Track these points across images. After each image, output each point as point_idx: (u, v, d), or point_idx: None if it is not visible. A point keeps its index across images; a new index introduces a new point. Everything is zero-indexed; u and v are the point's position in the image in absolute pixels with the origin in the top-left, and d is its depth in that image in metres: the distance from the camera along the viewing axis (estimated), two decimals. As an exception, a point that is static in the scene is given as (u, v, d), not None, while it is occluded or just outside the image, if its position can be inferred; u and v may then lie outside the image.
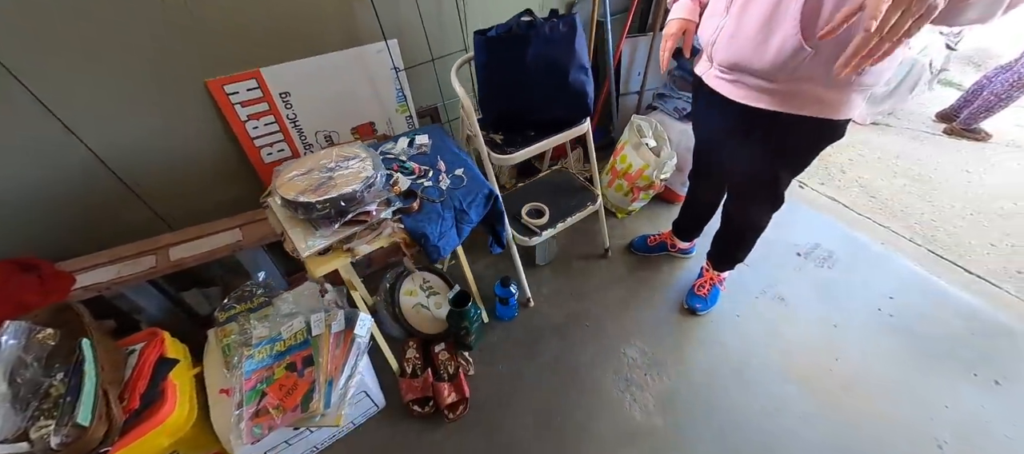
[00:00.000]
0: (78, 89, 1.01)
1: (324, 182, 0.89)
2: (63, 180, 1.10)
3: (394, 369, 1.30)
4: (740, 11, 0.85)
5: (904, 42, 0.57)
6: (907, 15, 0.53)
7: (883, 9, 0.52)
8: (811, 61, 0.80)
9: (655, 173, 1.64)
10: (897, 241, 1.82)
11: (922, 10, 0.52)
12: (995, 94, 2.33)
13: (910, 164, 2.31)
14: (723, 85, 0.97)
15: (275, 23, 1.18)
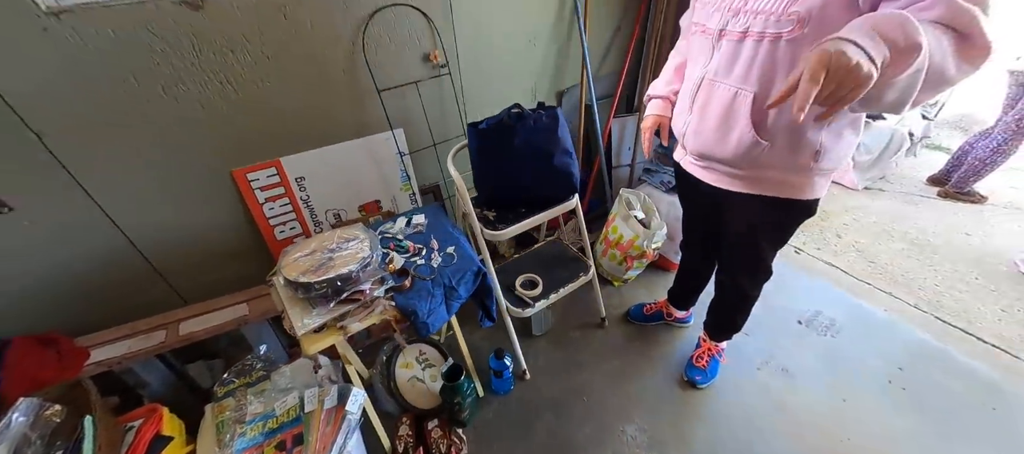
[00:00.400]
0: (119, 178, 1.15)
1: (325, 263, 0.97)
2: (92, 258, 1.21)
3: (386, 448, 1.28)
4: (701, 111, 0.96)
5: (840, 109, 0.61)
6: (838, 92, 0.57)
7: (811, 98, 0.57)
8: (769, 152, 0.89)
9: (646, 243, 1.70)
10: (902, 308, 1.79)
11: (849, 91, 0.57)
12: (979, 159, 2.40)
13: (907, 228, 2.33)
14: (697, 170, 1.07)
15: (297, 119, 1.35)
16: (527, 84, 1.86)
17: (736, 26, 0.85)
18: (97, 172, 1.12)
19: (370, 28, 1.34)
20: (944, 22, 0.61)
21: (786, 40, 0.78)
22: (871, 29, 0.57)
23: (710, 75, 0.92)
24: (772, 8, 0.78)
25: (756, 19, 0.81)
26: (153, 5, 1.02)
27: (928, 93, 0.64)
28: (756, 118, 0.87)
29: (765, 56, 0.82)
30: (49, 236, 1.13)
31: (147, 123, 1.13)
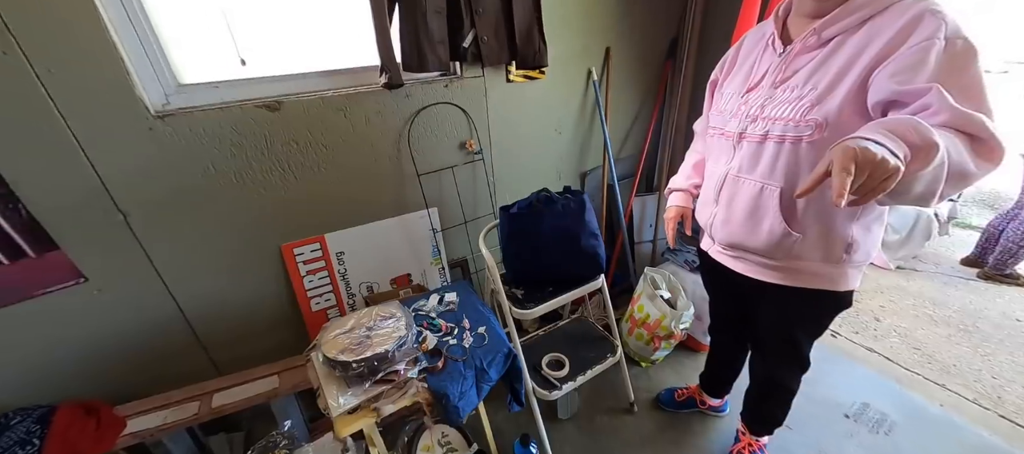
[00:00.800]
0: (181, 252, 1.26)
1: (363, 341, 1.01)
2: (145, 328, 1.29)
3: (403, 543, 1.20)
4: (728, 203, 0.99)
5: (872, 200, 0.61)
6: (869, 183, 0.58)
7: (847, 186, 0.57)
8: (801, 243, 0.90)
9: (673, 323, 1.67)
10: (959, 403, 1.65)
11: (880, 181, 0.58)
12: (1014, 242, 2.34)
13: (950, 312, 2.22)
14: (727, 260, 1.09)
15: (345, 200, 1.47)
16: (553, 167, 1.99)
17: (756, 130, 0.90)
18: (164, 247, 1.24)
19: (416, 122, 1.51)
20: (954, 127, 0.65)
21: (807, 142, 0.82)
22: (886, 130, 0.61)
23: (734, 171, 0.96)
24: (790, 115, 0.83)
25: (775, 125, 0.86)
26: (239, 108, 1.20)
27: (953, 187, 0.66)
28: (786, 210, 0.89)
29: (788, 155, 0.85)
30: (113, 306, 1.22)
31: (215, 204, 1.26)
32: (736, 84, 0.99)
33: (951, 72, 0.67)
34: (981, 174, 0.67)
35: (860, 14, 0.76)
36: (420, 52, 1.37)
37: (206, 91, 1.18)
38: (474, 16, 1.43)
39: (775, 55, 0.90)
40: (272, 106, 1.24)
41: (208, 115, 1.17)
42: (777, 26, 0.91)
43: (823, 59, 0.81)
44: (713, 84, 1.13)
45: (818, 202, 0.87)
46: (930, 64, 0.67)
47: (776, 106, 0.86)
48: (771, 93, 0.88)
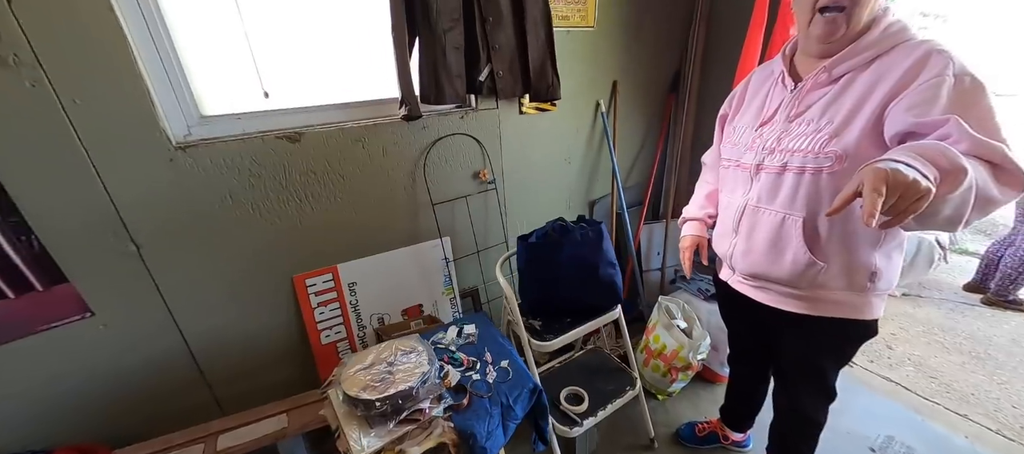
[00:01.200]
0: (192, 285, 1.23)
1: (385, 377, 0.97)
2: (150, 364, 1.23)
3: None
4: (748, 232, 0.99)
5: (903, 221, 0.61)
6: (900, 204, 0.59)
7: (878, 207, 0.57)
8: (826, 272, 0.90)
9: (691, 354, 1.64)
10: (982, 434, 1.62)
11: (912, 202, 0.58)
12: (1012, 268, 2.37)
13: (961, 339, 2.21)
14: (749, 290, 1.07)
15: (359, 229, 1.46)
16: (563, 196, 2.01)
17: (774, 162, 0.91)
18: (175, 280, 1.20)
19: (432, 152, 1.52)
20: (975, 155, 0.67)
21: (827, 173, 0.83)
22: (916, 154, 0.62)
23: (753, 202, 0.97)
24: (809, 147, 0.85)
25: (794, 156, 0.87)
26: (260, 139, 1.20)
27: (979, 212, 0.68)
28: (809, 240, 0.89)
29: (809, 186, 0.86)
30: (119, 340, 1.17)
31: (229, 234, 1.24)
32: (748, 118, 1.02)
33: (964, 106, 0.69)
34: (1005, 200, 0.68)
35: (868, 53, 0.80)
36: (438, 86, 1.40)
37: (228, 122, 1.18)
38: (490, 52, 1.47)
39: (786, 91, 0.93)
40: (293, 137, 1.25)
41: (229, 146, 1.16)
42: (785, 64, 0.95)
43: (836, 95, 0.84)
44: (722, 118, 1.15)
45: (842, 230, 0.87)
46: (943, 99, 0.70)
47: (793, 139, 0.88)
48: (786, 127, 0.91)
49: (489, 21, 1.43)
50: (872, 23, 0.81)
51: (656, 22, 1.93)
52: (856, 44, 0.81)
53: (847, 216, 0.86)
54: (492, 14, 1.43)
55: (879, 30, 0.80)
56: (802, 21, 0.86)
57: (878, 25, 0.80)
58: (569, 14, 1.70)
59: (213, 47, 1.13)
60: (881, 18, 0.81)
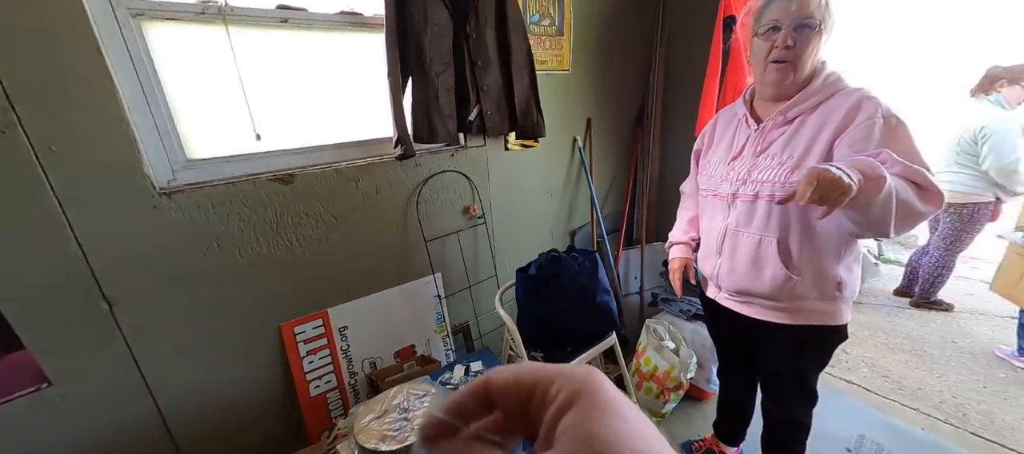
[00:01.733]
0: (169, 342, 1.12)
1: (402, 425, 0.92)
2: (111, 436, 1.08)
3: None
4: (731, 255, 1.11)
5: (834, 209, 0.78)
6: (828, 195, 0.75)
7: (808, 193, 0.75)
8: (801, 285, 1.03)
9: (682, 374, 1.71)
10: (934, 424, 1.80)
11: (838, 194, 0.75)
12: (929, 274, 2.72)
13: (901, 339, 2.48)
14: (736, 305, 1.17)
15: (351, 271, 1.41)
16: (546, 226, 2.07)
17: (747, 191, 1.05)
18: (151, 338, 1.09)
19: (424, 189, 1.53)
20: (904, 177, 0.84)
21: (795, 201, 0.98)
22: (848, 164, 0.79)
23: (732, 226, 1.10)
24: (775, 178, 1.00)
25: (764, 186, 1.02)
26: (251, 182, 1.16)
27: (904, 221, 0.84)
28: (784, 257, 1.02)
29: (779, 211, 1.00)
30: (79, 411, 1.03)
31: (215, 284, 1.15)
32: (721, 153, 1.16)
33: (893, 140, 0.87)
34: (928, 214, 0.86)
35: (814, 99, 0.98)
36: (431, 125, 1.43)
37: (216, 166, 1.13)
38: (479, 93, 1.54)
39: (750, 130, 1.08)
40: (285, 179, 1.21)
41: (217, 190, 1.11)
42: (747, 107, 1.11)
43: (792, 133, 1.00)
44: (697, 153, 1.30)
45: (810, 247, 1.01)
46: (876, 136, 0.88)
47: (761, 171, 1.03)
48: (754, 161, 1.05)
49: (478, 65, 1.51)
50: (814, 74, 0.99)
51: (622, 65, 2.12)
52: (803, 92, 0.99)
53: (811, 234, 1.01)
54: (481, 59, 1.50)
55: (820, 80, 0.98)
56: (758, 70, 1.03)
57: (819, 76, 0.99)
58: (547, 59, 1.83)
59: (204, 89, 1.09)
60: (821, 70, 1.00)
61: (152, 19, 0.98)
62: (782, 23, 0.93)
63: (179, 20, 1.01)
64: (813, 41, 0.93)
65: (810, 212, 0.97)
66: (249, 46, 1.12)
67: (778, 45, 0.95)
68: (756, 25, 1.00)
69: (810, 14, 0.91)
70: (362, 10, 1.33)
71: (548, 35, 1.81)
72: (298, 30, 1.22)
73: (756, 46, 1.01)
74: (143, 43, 0.97)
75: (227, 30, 1.06)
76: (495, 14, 1.51)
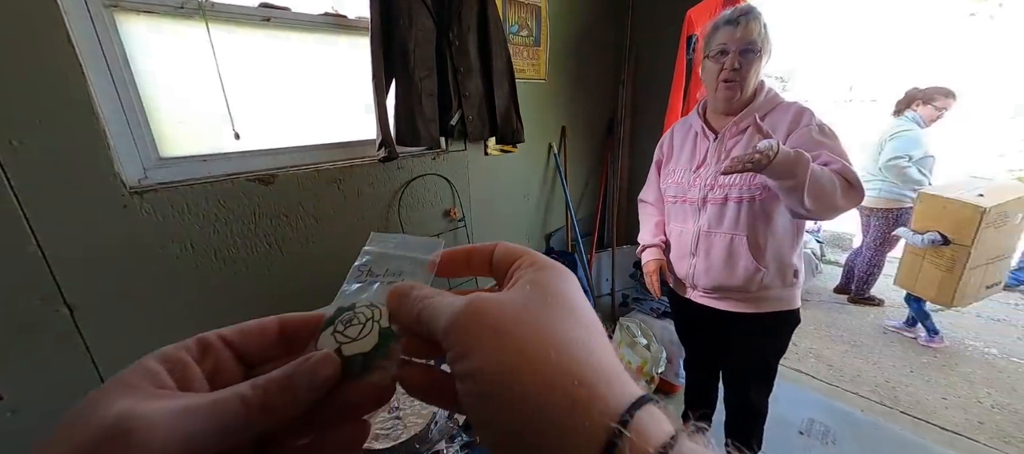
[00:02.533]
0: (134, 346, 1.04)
1: (394, 424, 0.93)
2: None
3: None
4: (705, 254, 1.22)
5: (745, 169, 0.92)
6: (746, 162, 0.90)
7: (735, 168, 0.92)
8: (767, 275, 1.15)
9: (653, 368, 1.81)
10: (872, 406, 2.01)
11: (751, 163, 0.89)
12: (863, 272, 3.03)
13: (841, 332, 2.74)
14: (711, 301, 1.28)
15: (331, 275, 1.39)
16: (523, 229, 2.12)
17: (716, 195, 1.16)
18: (116, 346, 1.02)
19: (405, 192, 1.54)
20: (839, 173, 0.99)
21: (759, 200, 1.11)
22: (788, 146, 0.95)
23: (704, 228, 1.21)
24: (740, 182, 1.12)
25: (732, 190, 1.14)
26: (230, 182, 1.12)
27: (817, 201, 0.96)
28: (754, 252, 1.14)
29: (747, 211, 1.13)
30: (31, 432, 0.94)
31: (187, 288, 1.10)
32: (683, 163, 1.27)
33: (827, 139, 1.05)
34: (847, 206, 1.02)
35: (759, 112, 1.11)
36: (414, 129, 1.45)
37: (193, 165, 1.09)
38: (461, 98, 1.58)
39: (709, 141, 1.20)
40: (265, 179, 1.18)
41: (193, 189, 1.07)
42: (702, 120, 1.23)
43: (747, 141, 1.13)
44: (658, 163, 1.41)
45: (774, 241, 1.15)
46: (814, 138, 1.04)
47: (726, 177, 1.13)
48: (719, 167, 1.16)
49: (460, 71, 1.54)
50: (757, 91, 1.15)
51: (595, 76, 2.24)
52: (750, 107, 1.13)
53: (774, 229, 1.14)
54: (463, 65, 1.54)
55: (763, 96, 1.14)
56: (710, 88, 1.17)
57: (761, 93, 1.15)
58: (525, 68, 1.90)
59: (182, 87, 1.06)
60: (760, 89, 1.15)
61: (127, 11, 0.94)
62: (729, 48, 1.07)
63: (156, 14, 0.98)
64: (755, 64, 1.08)
65: (771, 208, 1.11)
66: (230, 44, 1.10)
67: (726, 68, 1.08)
68: (706, 48, 1.14)
69: (752, 40, 1.05)
70: (346, 12, 1.34)
71: (526, 45, 1.88)
72: (281, 30, 1.20)
73: (707, 67, 1.15)
74: (116, 35, 0.93)
75: (207, 27, 1.03)
76: (477, 23, 1.56)
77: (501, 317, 0.19)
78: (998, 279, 2.31)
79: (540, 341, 0.18)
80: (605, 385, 0.17)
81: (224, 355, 0.22)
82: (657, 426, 0.17)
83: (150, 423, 0.16)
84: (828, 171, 0.97)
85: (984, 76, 5.13)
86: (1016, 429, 1.85)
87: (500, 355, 0.18)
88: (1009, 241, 2.23)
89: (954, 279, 2.18)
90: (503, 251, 0.24)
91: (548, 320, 0.19)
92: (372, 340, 0.22)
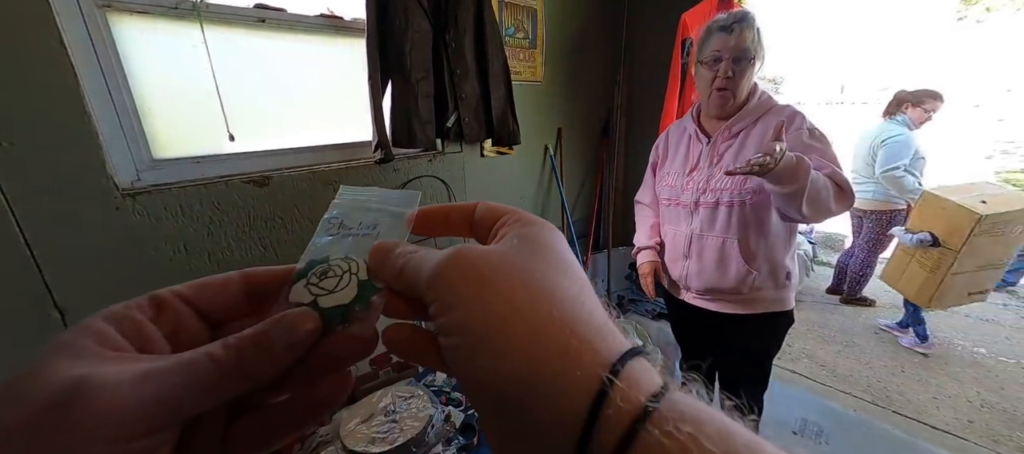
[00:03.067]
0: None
1: (390, 427, 0.92)
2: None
3: None
4: (698, 256, 1.22)
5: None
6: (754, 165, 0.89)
7: (744, 170, 0.90)
8: (759, 278, 1.16)
9: (649, 369, 1.81)
10: (864, 406, 2.03)
11: (759, 166, 0.88)
12: (855, 273, 3.07)
13: (833, 332, 2.77)
14: (704, 303, 1.28)
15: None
16: (520, 232, 2.12)
17: (708, 199, 1.17)
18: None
19: (402, 194, 1.53)
20: (830, 178, 1.00)
21: (750, 204, 1.11)
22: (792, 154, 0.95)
23: (697, 231, 1.21)
24: (731, 187, 1.12)
25: (723, 193, 1.14)
26: (224, 185, 1.11)
27: (814, 207, 0.97)
28: (745, 254, 1.15)
29: (738, 215, 1.13)
30: None
31: (181, 291, 1.09)
32: (677, 166, 1.27)
33: (817, 143, 1.06)
34: (838, 212, 1.04)
35: (752, 116, 1.12)
36: (410, 131, 1.45)
37: (186, 167, 1.08)
38: (458, 100, 1.58)
39: (702, 144, 1.21)
40: (260, 181, 1.18)
41: (186, 191, 1.06)
42: (695, 123, 1.24)
43: (739, 145, 1.13)
44: (653, 165, 1.41)
45: (766, 244, 1.15)
46: (804, 142, 1.05)
47: (718, 180, 1.15)
48: (711, 171, 1.18)
49: (457, 73, 1.54)
50: (750, 96, 1.14)
51: (590, 79, 2.25)
52: (744, 110, 1.13)
53: (765, 232, 1.14)
54: (459, 67, 1.54)
55: (755, 100, 1.14)
56: (704, 94, 1.17)
57: (754, 97, 1.14)
58: (522, 70, 1.90)
59: (175, 88, 1.05)
60: (754, 92, 1.15)
61: (120, 11, 0.93)
62: (723, 55, 1.07)
63: (150, 14, 0.97)
64: (748, 71, 1.08)
65: (763, 212, 1.11)
66: (225, 45, 1.09)
67: (720, 75, 1.08)
68: (700, 53, 1.14)
69: (746, 48, 1.05)
70: (342, 13, 1.33)
71: (522, 47, 1.89)
72: (276, 31, 1.20)
73: (701, 73, 1.15)
74: (109, 36, 0.92)
75: (202, 28, 1.02)
76: (473, 25, 1.56)
77: (487, 267, 0.18)
78: (984, 287, 2.22)
79: (530, 291, 0.17)
80: (598, 338, 0.17)
81: (183, 312, 0.20)
82: (648, 377, 0.17)
83: (109, 388, 0.14)
84: (821, 176, 0.98)
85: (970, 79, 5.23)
86: (1005, 427, 1.88)
87: (487, 305, 0.17)
88: (1004, 251, 2.13)
89: (935, 281, 2.15)
90: (485, 208, 0.23)
91: (539, 271, 0.18)
92: (351, 292, 0.21)
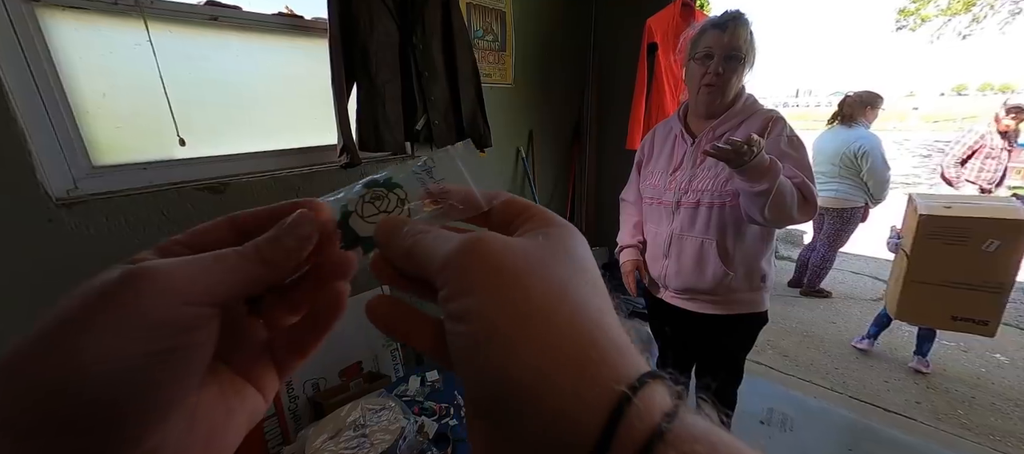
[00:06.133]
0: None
1: (360, 442, 0.89)
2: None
3: None
4: (676, 256, 1.25)
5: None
6: (739, 149, 0.91)
7: (724, 150, 0.92)
8: (735, 279, 1.18)
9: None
10: (824, 393, 2.14)
11: (736, 153, 0.91)
12: (815, 266, 3.24)
13: (795, 323, 2.91)
14: (681, 302, 1.31)
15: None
16: (494, 235, 2.11)
17: (689, 199, 1.19)
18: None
19: (370, 199, 1.49)
20: (799, 188, 1.04)
21: (730, 206, 1.13)
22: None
23: (677, 231, 1.24)
24: (712, 187, 1.15)
25: (704, 194, 1.16)
26: (175, 192, 1.04)
27: (777, 210, 1.01)
28: (723, 256, 1.18)
29: (718, 216, 1.16)
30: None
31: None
32: (661, 165, 1.30)
33: (793, 151, 1.08)
34: (800, 220, 1.07)
35: (736, 119, 1.15)
36: (378, 134, 1.41)
37: (131, 173, 1.00)
38: (426, 103, 1.55)
39: (687, 144, 1.23)
40: (216, 188, 1.11)
41: (132, 200, 0.98)
42: (681, 123, 1.26)
43: None
44: (638, 164, 1.44)
45: (743, 246, 1.18)
46: (781, 148, 1.08)
47: (700, 181, 1.18)
48: (693, 172, 1.20)
49: (425, 75, 1.52)
50: (736, 98, 1.17)
51: (560, 81, 2.27)
52: (729, 112, 1.16)
53: (742, 235, 1.17)
54: (427, 69, 1.52)
55: (741, 103, 1.17)
56: (692, 91, 1.19)
57: (740, 99, 1.17)
58: (492, 72, 1.90)
59: (118, 90, 0.97)
60: (740, 94, 1.18)
61: (51, 7, 0.86)
62: (714, 52, 1.09)
63: (87, 11, 0.90)
64: (738, 71, 1.11)
65: (741, 215, 1.13)
66: (173, 44, 1.02)
67: (710, 72, 1.10)
68: (693, 50, 1.16)
69: (738, 47, 1.08)
70: (303, 13, 1.28)
71: (492, 50, 1.88)
72: (230, 31, 1.14)
73: (691, 69, 1.16)
74: (38, 32, 0.85)
75: (146, 26, 0.96)
76: (441, 27, 1.54)
77: (508, 258, 0.17)
78: (977, 315, 1.86)
79: (551, 293, 0.16)
80: (616, 353, 0.16)
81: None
82: (663, 398, 0.16)
83: (165, 271, 0.16)
84: (790, 184, 1.01)
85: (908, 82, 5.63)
86: (947, 406, 2.03)
87: (506, 297, 0.16)
88: (988, 269, 1.77)
89: (897, 288, 2.07)
90: (507, 201, 0.22)
91: (564, 275, 0.17)
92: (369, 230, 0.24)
